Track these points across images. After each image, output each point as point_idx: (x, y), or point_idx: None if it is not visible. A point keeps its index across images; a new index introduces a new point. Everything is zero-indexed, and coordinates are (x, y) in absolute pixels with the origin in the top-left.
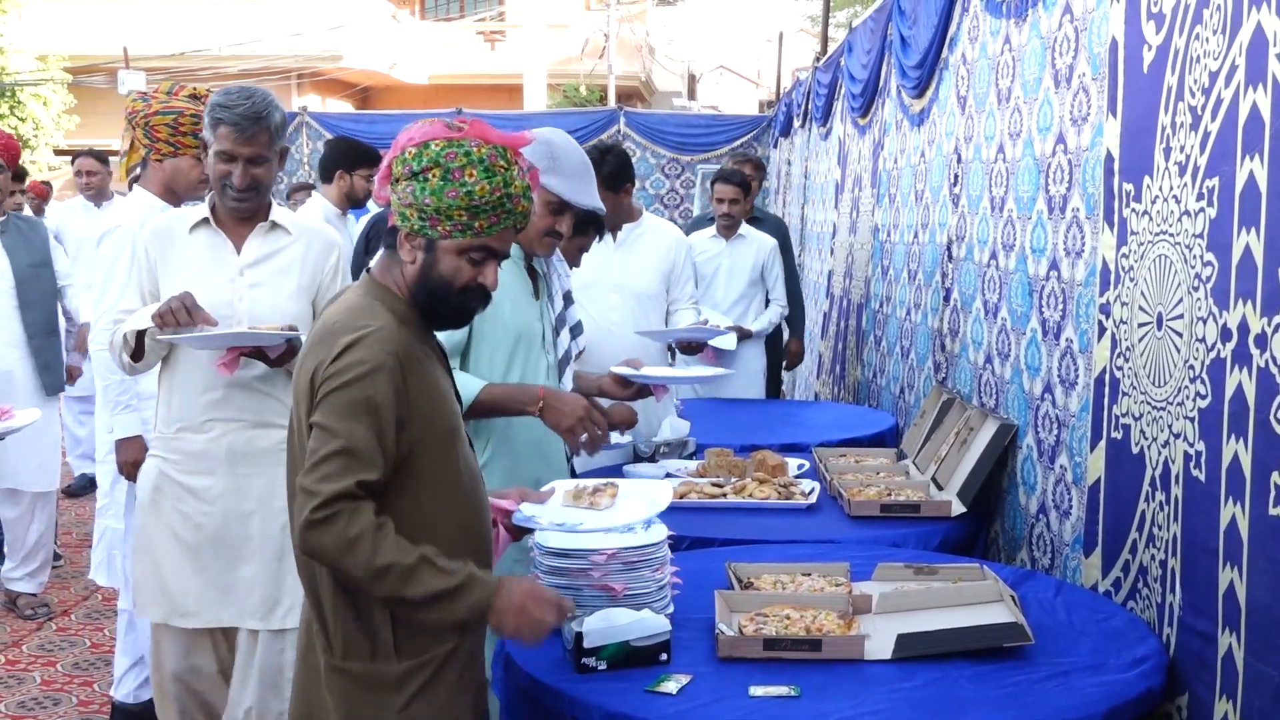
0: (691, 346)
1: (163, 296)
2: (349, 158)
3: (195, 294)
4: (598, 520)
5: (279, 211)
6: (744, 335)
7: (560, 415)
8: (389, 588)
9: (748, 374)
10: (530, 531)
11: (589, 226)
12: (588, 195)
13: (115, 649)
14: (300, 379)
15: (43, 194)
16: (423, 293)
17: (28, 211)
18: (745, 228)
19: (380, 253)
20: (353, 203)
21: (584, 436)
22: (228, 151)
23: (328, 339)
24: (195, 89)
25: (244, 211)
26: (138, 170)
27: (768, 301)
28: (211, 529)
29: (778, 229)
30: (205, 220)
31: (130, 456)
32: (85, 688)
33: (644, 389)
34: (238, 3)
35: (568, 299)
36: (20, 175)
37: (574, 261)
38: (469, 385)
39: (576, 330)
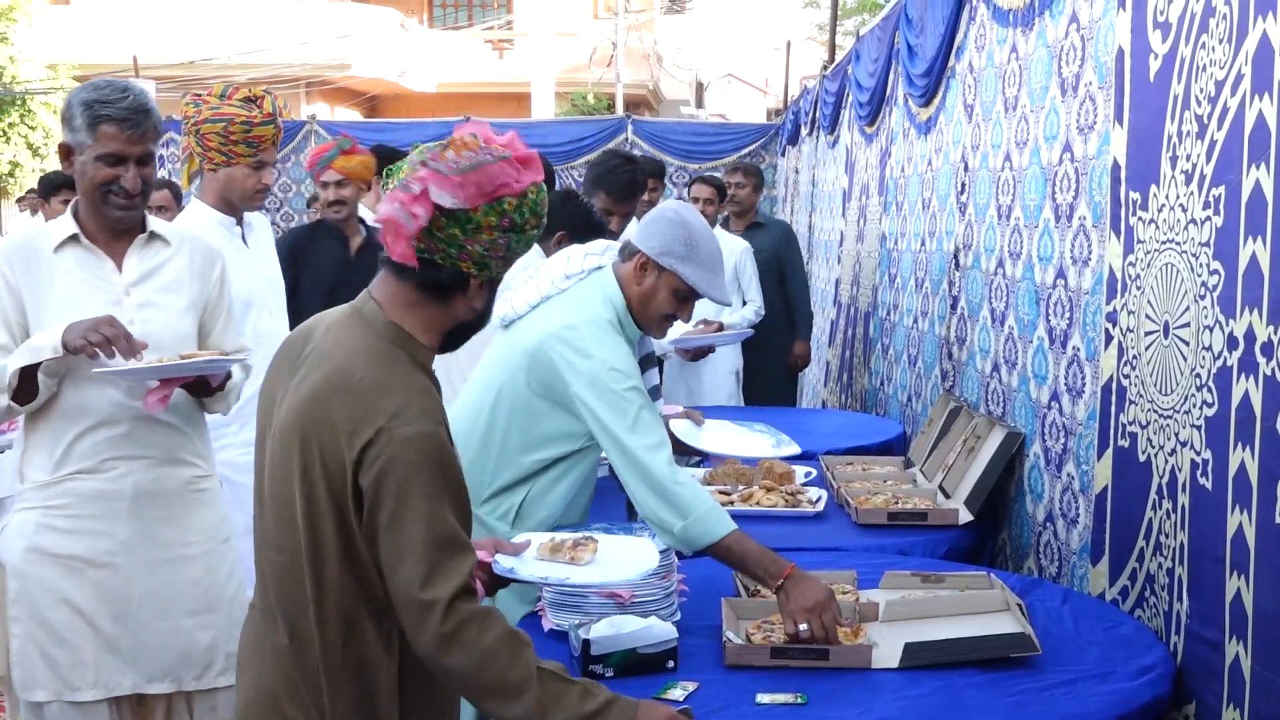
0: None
1: (33, 328)
2: (386, 164)
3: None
4: (583, 576)
5: (154, 220)
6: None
7: (793, 597)
8: (525, 706)
9: (718, 375)
10: (508, 583)
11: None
12: (719, 288)
13: None
14: (314, 420)
15: None
16: (466, 330)
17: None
18: (718, 230)
19: (386, 283)
20: None
21: (804, 627)
22: (115, 153)
23: (358, 395)
24: (250, 90)
25: (129, 221)
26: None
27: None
28: (111, 584)
29: (783, 232)
30: (74, 237)
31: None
32: None
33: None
34: (247, 12)
35: (646, 362)
36: (65, 184)
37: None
38: (717, 521)
39: (653, 395)
